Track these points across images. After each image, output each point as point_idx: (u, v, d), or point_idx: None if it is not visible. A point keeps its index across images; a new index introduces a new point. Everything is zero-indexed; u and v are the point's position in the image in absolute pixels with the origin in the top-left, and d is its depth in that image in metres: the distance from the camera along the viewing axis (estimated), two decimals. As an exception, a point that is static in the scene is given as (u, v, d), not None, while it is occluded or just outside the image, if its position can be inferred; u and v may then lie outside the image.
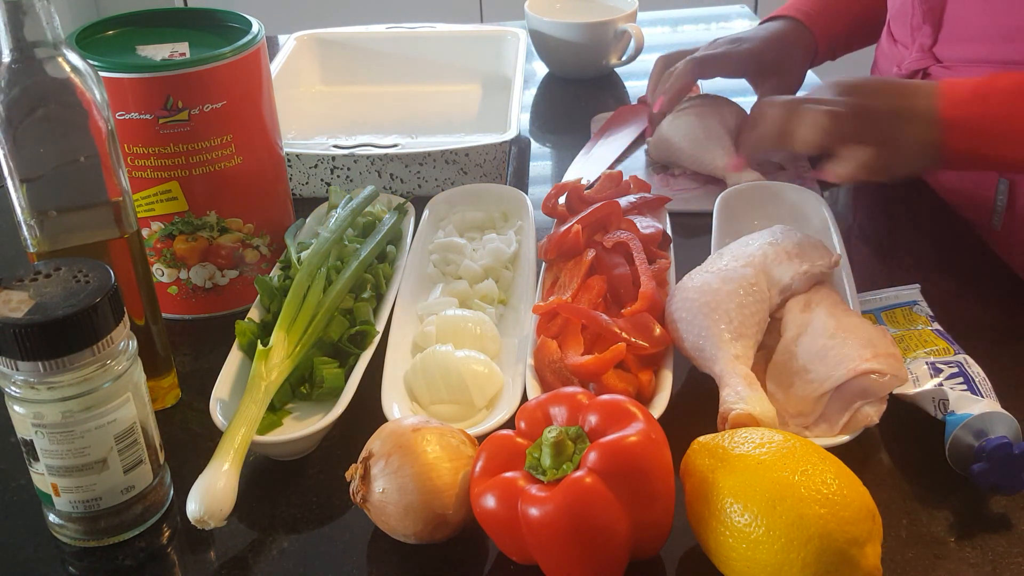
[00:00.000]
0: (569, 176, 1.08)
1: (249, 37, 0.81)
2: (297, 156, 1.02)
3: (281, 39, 1.41)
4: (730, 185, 0.98)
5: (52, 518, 0.66)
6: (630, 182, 0.95)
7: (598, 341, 0.74)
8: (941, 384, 0.70)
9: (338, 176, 1.03)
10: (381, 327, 0.78)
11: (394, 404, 0.71)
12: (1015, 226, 0.97)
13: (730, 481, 0.58)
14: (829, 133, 0.87)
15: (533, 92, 1.31)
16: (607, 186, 0.95)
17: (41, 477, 0.63)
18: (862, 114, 0.87)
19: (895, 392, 0.70)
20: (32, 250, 0.68)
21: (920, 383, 0.71)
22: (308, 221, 0.91)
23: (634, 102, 1.23)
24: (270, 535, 0.66)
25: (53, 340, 0.58)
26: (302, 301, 0.76)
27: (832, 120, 0.86)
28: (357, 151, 1.01)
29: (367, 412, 0.71)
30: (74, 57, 0.64)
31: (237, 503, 0.64)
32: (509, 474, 0.59)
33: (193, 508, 0.62)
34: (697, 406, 0.71)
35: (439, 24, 1.31)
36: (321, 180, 1.03)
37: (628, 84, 1.33)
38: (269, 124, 0.86)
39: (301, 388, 0.75)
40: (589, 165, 1.10)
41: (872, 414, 0.67)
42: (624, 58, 1.31)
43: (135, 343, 0.64)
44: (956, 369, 0.71)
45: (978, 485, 0.65)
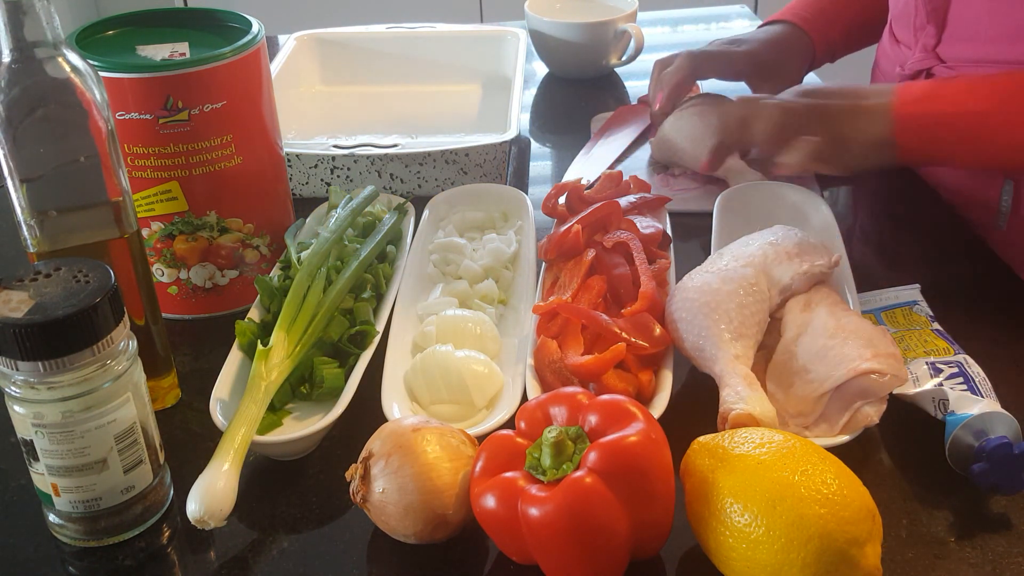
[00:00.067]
0: (569, 176, 1.08)
1: (249, 37, 0.81)
2: (297, 156, 1.02)
3: (281, 39, 1.41)
4: (732, 185, 0.98)
5: (52, 518, 0.66)
6: (630, 182, 0.95)
7: (598, 341, 0.74)
8: (941, 384, 0.70)
9: (338, 176, 1.03)
10: (381, 327, 0.78)
11: (394, 404, 0.71)
12: (1020, 226, 0.96)
13: (730, 481, 0.58)
14: (783, 127, 0.90)
15: (533, 92, 1.31)
16: (607, 186, 0.95)
17: (41, 477, 0.63)
18: (817, 110, 0.90)
19: (895, 392, 0.70)
20: (32, 250, 0.68)
21: (920, 383, 0.71)
22: (308, 221, 0.91)
23: (634, 102, 1.22)
24: (270, 535, 0.66)
25: (53, 340, 0.58)
26: (302, 301, 0.76)
27: (786, 114, 0.90)
28: (357, 151, 1.01)
29: (367, 412, 0.71)
30: (74, 57, 0.64)
31: (237, 503, 0.64)
32: (509, 474, 0.59)
33: (193, 508, 0.62)
34: (697, 406, 0.71)
35: (439, 24, 1.31)
36: (321, 180, 1.03)
37: (628, 84, 1.32)
38: (269, 124, 0.86)
39: (301, 388, 0.75)
40: (589, 165, 1.10)
41: (872, 414, 0.67)
42: (624, 58, 1.31)
43: (135, 343, 0.64)
44: (956, 369, 0.71)
45: (978, 485, 0.65)
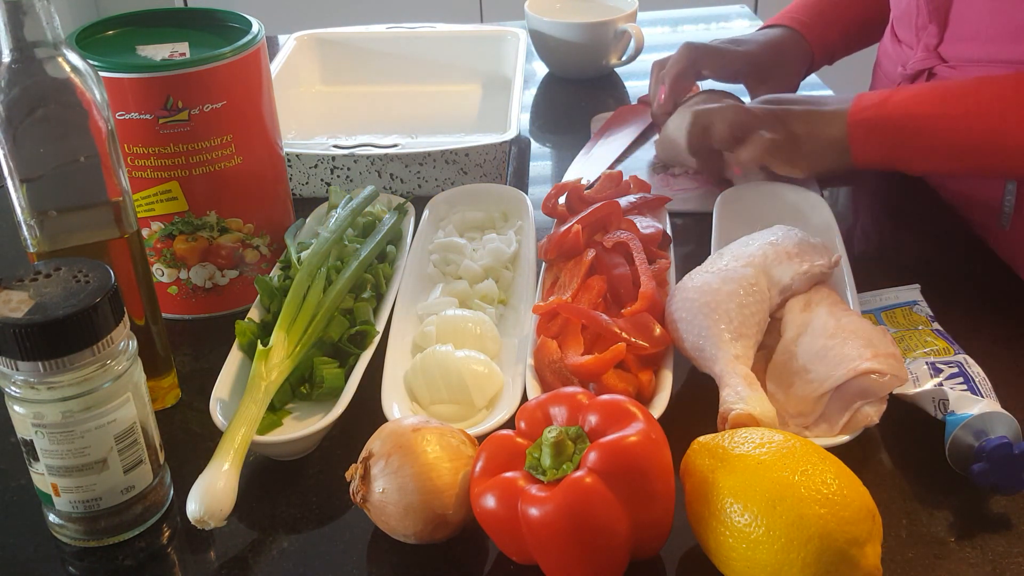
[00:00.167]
0: (569, 176, 1.08)
1: (249, 37, 0.81)
2: (297, 156, 1.02)
3: (281, 39, 1.41)
4: (736, 184, 0.98)
5: (52, 518, 0.66)
6: (630, 182, 0.95)
7: (598, 341, 0.74)
8: (941, 384, 0.70)
9: (338, 176, 1.03)
10: (381, 327, 0.78)
11: (394, 404, 0.71)
12: (1023, 226, 0.96)
13: (730, 481, 0.58)
14: (740, 126, 0.92)
15: (533, 92, 1.31)
16: (607, 186, 0.95)
17: (41, 477, 0.63)
18: (775, 112, 0.93)
19: (895, 392, 0.70)
20: (32, 250, 0.68)
21: (920, 383, 0.71)
22: (308, 221, 0.91)
23: (634, 102, 1.22)
24: (270, 535, 0.66)
25: (53, 340, 0.58)
26: (302, 301, 0.76)
27: (744, 115, 0.93)
28: (357, 151, 1.01)
29: (367, 412, 0.71)
30: (74, 57, 0.64)
31: (237, 503, 0.64)
32: (509, 474, 0.59)
33: (193, 508, 0.62)
34: (697, 406, 0.71)
35: (439, 24, 1.31)
36: (321, 180, 1.03)
37: (628, 84, 1.32)
38: (269, 124, 0.86)
39: (301, 388, 0.75)
40: (589, 165, 1.10)
41: (872, 414, 0.67)
42: (624, 58, 1.31)
43: (135, 343, 0.64)
44: (956, 369, 0.71)
45: (978, 485, 0.65)
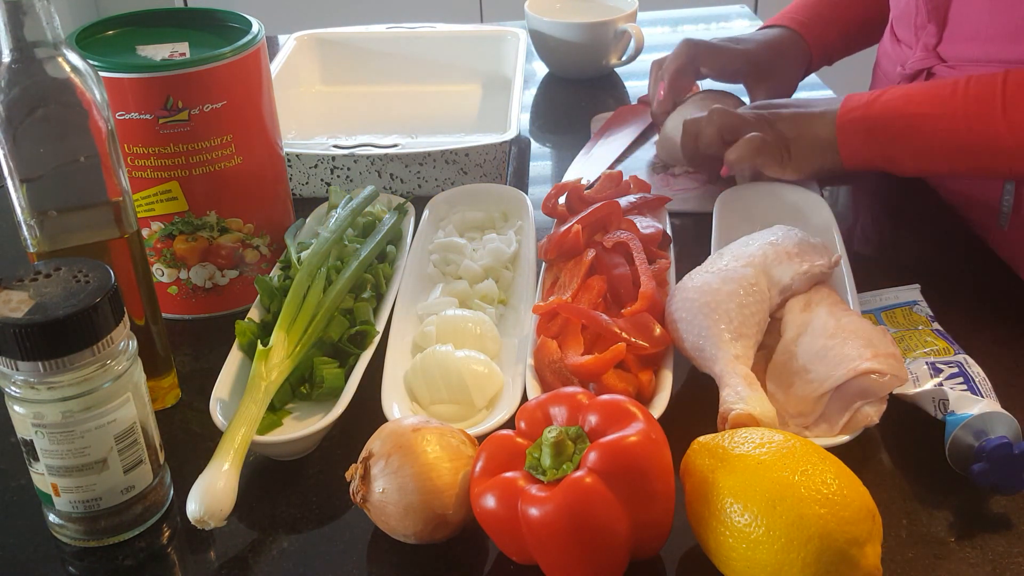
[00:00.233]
0: (569, 176, 1.08)
1: (249, 37, 0.81)
2: (297, 156, 1.02)
3: (281, 39, 1.41)
4: (731, 184, 0.98)
5: (52, 518, 0.66)
6: (630, 182, 0.95)
7: (598, 341, 0.74)
8: (941, 384, 0.70)
9: (338, 176, 1.03)
10: (381, 327, 0.78)
11: (394, 404, 0.71)
12: (1021, 226, 0.96)
13: (730, 481, 0.58)
14: (729, 128, 0.93)
15: (533, 92, 1.31)
16: (607, 186, 0.95)
17: (41, 477, 0.63)
18: (764, 116, 0.94)
19: (895, 392, 0.70)
20: (32, 250, 0.68)
21: (920, 383, 0.71)
22: (308, 221, 0.91)
23: (634, 102, 1.22)
24: (270, 535, 0.66)
25: (53, 340, 0.58)
26: (302, 301, 0.76)
27: (733, 118, 0.94)
28: (357, 151, 1.01)
29: (367, 412, 0.71)
30: (74, 57, 0.64)
31: (237, 503, 0.64)
32: (509, 474, 0.59)
33: (193, 508, 0.62)
34: (697, 406, 0.71)
35: (439, 24, 1.31)
36: (321, 180, 1.03)
37: (628, 84, 1.32)
38: (269, 124, 0.86)
39: (301, 388, 0.75)
40: (589, 165, 1.10)
41: (872, 414, 0.67)
42: (624, 58, 1.31)
43: (135, 343, 0.64)
44: (956, 369, 0.71)
45: (978, 485, 0.65)
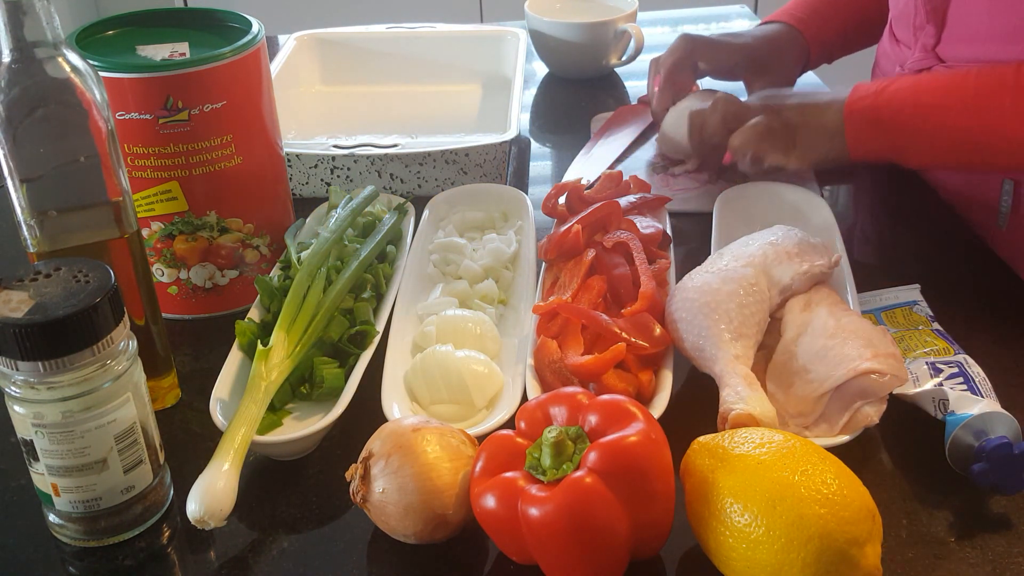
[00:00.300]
0: (569, 176, 1.08)
1: (249, 37, 0.81)
2: (297, 156, 1.02)
3: (281, 39, 1.41)
4: (731, 175, 0.99)
5: (52, 518, 0.66)
6: (630, 182, 0.95)
7: (598, 341, 0.74)
8: (941, 384, 0.70)
9: (338, 176, 1.03)
10: (381, 327, 0.78)
11: (394, 404, 0.71)
12: (1020, 226, 0.96)
13: (730, 481, 0.58)
14: (735, 116, 0.94)
15: (533, 92, 1.31)
16: (607, 186, 0.95)
17: (41, 477, 0.63)
18: (770, 105, 0.94)
19: (895, 392, 0.70)
20: (32, 250, 0.68)
21: (920, 383, 0.71)
22: (308, 221, 0.91)
23: (634, 102, 1.22)
24: (270, 535, 0.66)
25: (53, 340, 0.58)
26: (302, 301, 0.76)
27: (739, 106, 0.95)
28: (357, 151, 1.01)
29: (367, 412, 0.71)
30: (74, 57, 0.64)
31: (237, 503, 0.64)
32: (509, 474, 0.59)
33: (193, 508, 0.62)
34: (697, 406, 0.71)
35: (439, 24, 1.31)
36: (321, 180, 1.03)
37: (628, 84, 1.32)
38: (269, 124, 0.86)
39: (301, 388, 0.75)
40: (589, 165, 1.10)
41: (872, 414, 0.67)
42: (624, 58, 1.31)
43: (135, 343, 0.64)
44: (956, 369, 0.71)
45: (978, 485, 0.65)
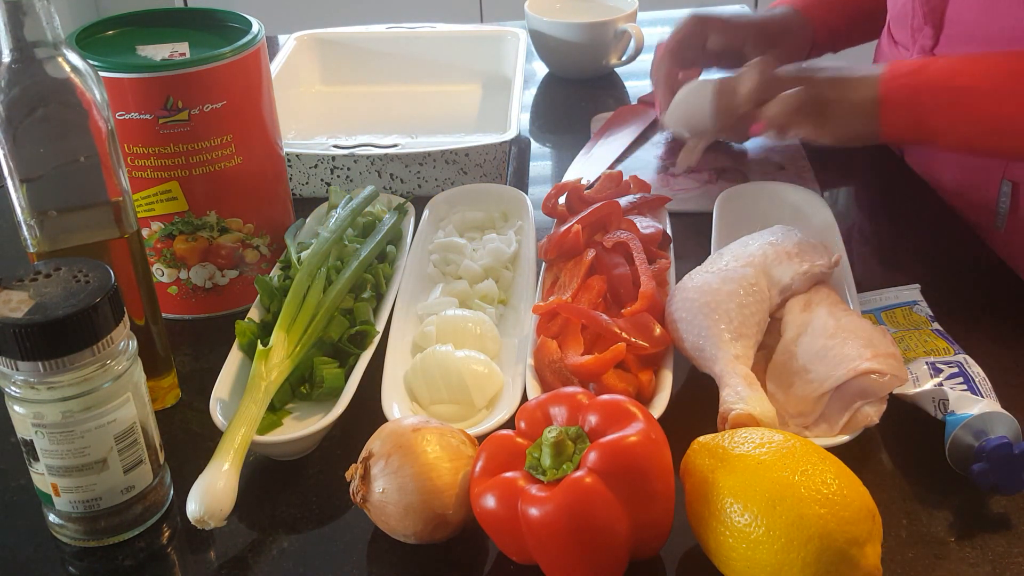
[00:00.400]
0: (569, 176, 1.08)
1: (249, 37, 0.81)
2: (297, 156, 1.02)
3: (281, 39, 1.41)
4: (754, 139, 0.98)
5: (52, 518, 0.66)
6: (630, 182, 0.95)
7: (598, 341, 0.74)
8: (941, 384, 0.70)
9: (338, 176, 1.03)
10: (381, 327, 0.78)
11: (394, 404, 0.71)
12: (1018, 227, 0.96)
13: (730, 481, 0.58)
14: (767, 85, 0.91)
15: (533, 92, 1.31)
16: (607, 186, 0.95)
17: (41, 477, 0.63)
18: (803, 76, 0.91)
19: (895, 392, 0.70)
20: (32, 250, 0.68)
21: (920, 383, 0.71)
22: (308, 221, 0.91)
23: (634, 102, 1.23)
24: (270, 535, 0.66)
25: (53, 340, 0.58)
26: (302, 301, 0.76)
27: (771, 76, 0.91)
28: (357, 151, 1.01)
29: (367, 412, 0.71)
30: (74, 57, 0.64)
31: (237, 503, 0.64)
32: (509, 474, 0.59)
33: (193, 508, 0.62)
34: (697, 406, 0.71)
35: (439, 24, 1.31)
36: (321, 180, 1.03)
37: (628, 84, 1.32)
38: (269, 124, 0.86)
39: (301, 388, 0.75)
40: (589, 165, 1.09)
41: (872, 414, 0.67)
42: (624, 58, 1.31)
43: (135, 343, 0.64)
44: (956, 369, 0.71)
45: (978, 485, 0.65)
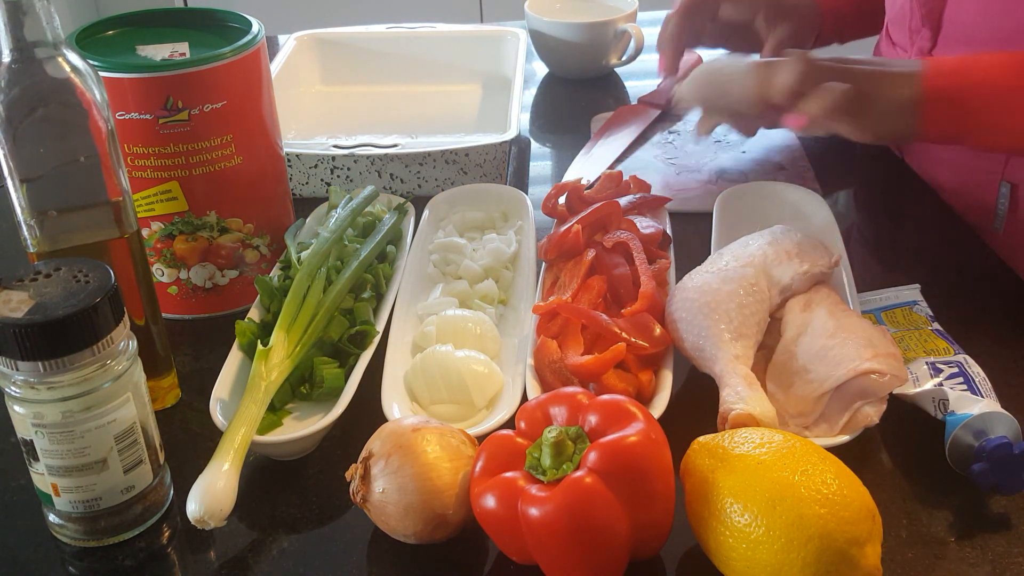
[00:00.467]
0: (569, 176, 1.08)
1: (249, 37, 0.81)
2: (297, 156, 1.02)
3: (281, 39, 1.41)
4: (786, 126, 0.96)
5: (52, 518, 0.66)
6: (630, 182, 0.95)
7: (598, 341, 0.74)
8: (941, 384, 0.70)
9: (338, 176, 1.03)
10: (381, 327, 0.78)
11: (394, 404, 0.71)
12: (1017, 229, 0.96)
13: (730, 481, 0.58)
14: (807, 75, 0.85)
15: (533, 92, 1.31)
16: (607, 186, 0.95)
17: (41, 477, 0.63)
18: (842, 68, 0.86)
19: (895, 392, 0.70)
20: (32, 250, 0.68)
21: (920, 383, 0.71)
22: (308, 221, 0.91)
23: (634, 102, 1.23)
24: (270, 535, 0.66)
25: (53, 340, 0.58)
26: (302, 301, 0.76)
27: (811, 65, 0.86)
28: (357, 151, 1.01)
29: (367, 412, 0.71)
30: (74, 57, 0.64)
31: (237, 503, 0.64)
32: (509, 474, 0.59)
33: (193, 508, 0.62)
34: (697, 406, 0.71)
35: (439, 24, 1.31)
36: (321, 180, 1.03)
37: (628, 84, 1.32)
38: (269, 124, 0.86)
39: (301, 388, 0.75)
40: (589, 165, 1.10)
41: (872, 414, 0.67)
42: (624, 58, 1.31)
43: (135, 343, 0.64)
44: (956, 369, 0.71)
45: (978, 485, 0.65)
